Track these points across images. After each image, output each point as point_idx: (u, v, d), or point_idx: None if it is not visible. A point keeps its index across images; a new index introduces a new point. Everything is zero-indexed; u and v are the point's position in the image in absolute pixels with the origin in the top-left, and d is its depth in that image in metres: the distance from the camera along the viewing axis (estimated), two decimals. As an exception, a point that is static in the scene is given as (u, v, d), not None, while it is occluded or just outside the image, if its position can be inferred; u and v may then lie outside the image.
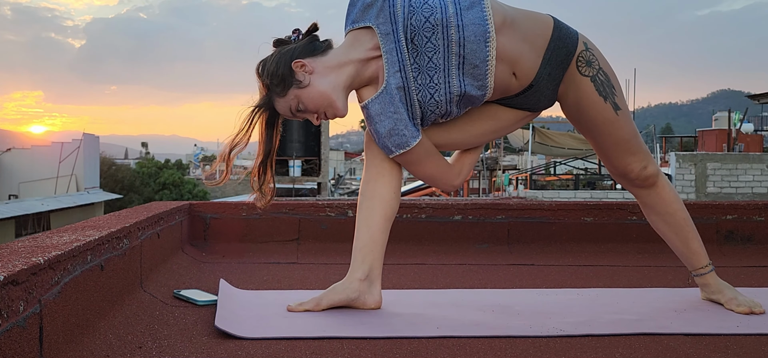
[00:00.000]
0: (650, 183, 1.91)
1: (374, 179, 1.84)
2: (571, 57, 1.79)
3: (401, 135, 1.74)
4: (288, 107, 1.76)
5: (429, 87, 1.72)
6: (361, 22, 1.75)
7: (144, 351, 1.41)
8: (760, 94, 22.03)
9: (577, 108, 1.84)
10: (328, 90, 1.73)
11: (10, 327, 1.07)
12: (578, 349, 1.48)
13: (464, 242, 2.89)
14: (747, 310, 1.80)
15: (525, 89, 1.79)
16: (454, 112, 1.78)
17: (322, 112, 1.76)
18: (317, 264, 2.64)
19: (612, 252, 2.85)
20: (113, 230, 1.69)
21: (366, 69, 1.75)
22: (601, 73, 1.81)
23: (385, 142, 1.76)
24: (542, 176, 18.26)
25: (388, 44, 1.72)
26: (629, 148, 1.86)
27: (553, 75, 1.80)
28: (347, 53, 1.75)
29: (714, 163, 13.22)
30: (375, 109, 1.74)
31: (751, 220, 2.96)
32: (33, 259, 1.19)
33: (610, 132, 1.83)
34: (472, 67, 1.70)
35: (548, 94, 1.83)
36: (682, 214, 1.94)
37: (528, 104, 1.84)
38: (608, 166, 1.93)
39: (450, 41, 1.68)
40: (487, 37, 1.68)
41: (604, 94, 1.80)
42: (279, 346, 1.47)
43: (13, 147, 23.18)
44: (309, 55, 1.75)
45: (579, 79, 1.80)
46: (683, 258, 1.97)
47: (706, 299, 1.95)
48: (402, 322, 1.68)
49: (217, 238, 2.88)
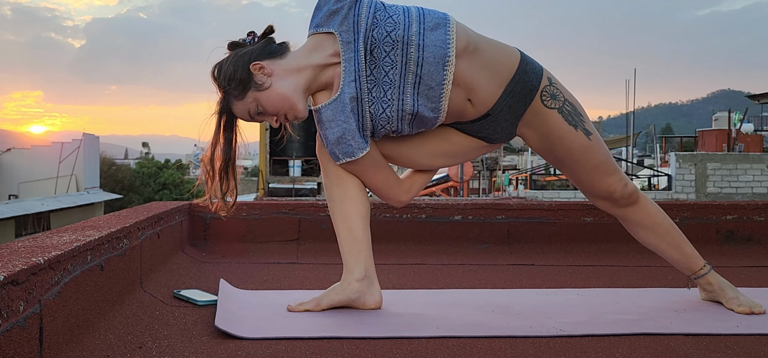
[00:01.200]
0: (633, 200, 1.90)
1: (338, 183, 1.83)
2: (534, 92, 1.78)
3: (348, 144, 1.73)
4: (247, 110, 1.73)
5: (382, 101, 1.71)
6: (325, 27, 1.74)
7: (144, 351, 1.41)
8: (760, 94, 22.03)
9: (548, 140, 1.83)
10: (288, 92, 1.71)
11: (10, 327, 1.07)
12: (578, 349, 1.48)
13: (464, 242, 2.90)
14: (747, 310, 1.80)
15: (481, 117, 1.78)
16: (404, 130, 1.76)
17: (283, 115, 1.74)
18: (317, 264, 2.64)
19: (612, 252, 2.85)
20: (113, 230, 1.69)
21: (323, 74, 1.74)
22: (568, 104, 1.81)
23: (333, 149, 1.75)
24: (542, 176, 18.25)
25: (348, 53, 1.71)
26: (608, 170, 1.85)
27: (514, 108, 1.79)
28: (307, 57, 1.74)
29: (714, 163, 13.22)
30: (327, 115, 1.73)
31: (751, 220, 2.96)
32: (33, 259, 1.19)
33: (588, 158, 1.82)
34: (428, 88, 1.69)
35: (506, 127, 1.82)
36: (667, 222, 1.93)
37: (483, 133, 1.83)
38: (590, 193, 1.90)
39: (408, 60, 1.67)
40: (446, 61, 1.67)
41: (573, 123, 1.80)
42: (279, 346, 1.47)
43: (13, 147, 23.18)
44: (267, 58, 1.72)
45: (545, 112, 1.79)
46: (680, 265, 1.95)
47: (707, 299, 1.95)
48: (402, 322, 1.68)
49: (217, 238, 2.88)
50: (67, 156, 22.07)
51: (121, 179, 29.29)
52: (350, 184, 1.83)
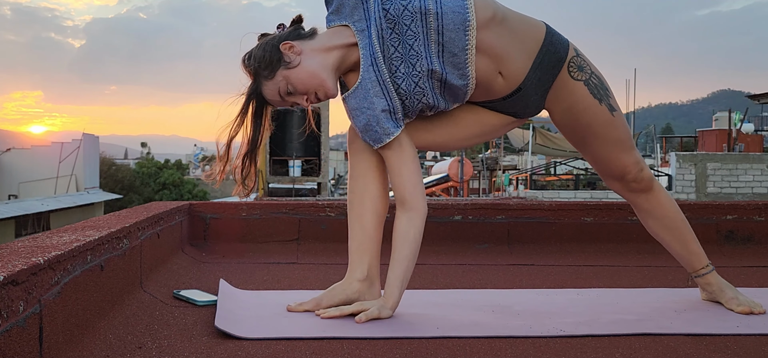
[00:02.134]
0: (646, 187, 1.90)
1: (362, 176, 1.84)
2: (561, 63, 1.79)
3: (374, 131, 1.73)
4: (277, 90, 1.73)
5: (413, 75, 1.70)
6: (337, 21, 1.75)
7: (144, 351, 1.41)
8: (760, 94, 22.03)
9: (571, 114, 1.83)
10: (317, 69, 1.71)
11: (10, 327, 1.07)
12: (578, 349, 1.48)
13: (464, 242, 2.89)
14: (747, 310, 1.80)
15: (512, 92, 1.78)
16: (440, 103, 1.75)
17: (313, 93, 1.73)
18: (317, 264, 2.64)
19: (612, 252, 2.85)
20: (113, 230, 1.69)
21: (351, 54, 1.74)
22: (594, 77, 1.81)
23: (363, 137, 1.77)
24: (542, 176, 18.26)
25: (364, 40, 1.72)
26: (625, 147, 1.86)
27: (543, 81, 1.79)
28: (331, 39, 1.74)
29: (714, 163, 13.22)
30: (352, 104, 1.74)
31: (751, 220, 2.96)
32: (33, 259, 1.19)
33: (608, 133, 1.83)
34: (452, 55, 1.68)
35: (535, 100, 1.82)
36: (679, 216, 1.94)
37: (514, 109, 1.83)
38: (604, 170, 1.91)
39: (428, 28, 1.67)
40: (466, 26, 1.66)
41: (598, 96, 1.80)
42: (279, 346, 1.47)
43: (12, 147, 23.17)
44: (296, 39, 1.74)
45: (572, 84, 1.80)
46: (683, 261, 1.97)
47: (707, 299, 1.95)
48: (402, 322, 1.68)
49: (217, 238, 2.88)
50: (66, 156, 22.07)
51: (121, 179, 29.28)
52: (373, 180, 1.83)
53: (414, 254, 1.75)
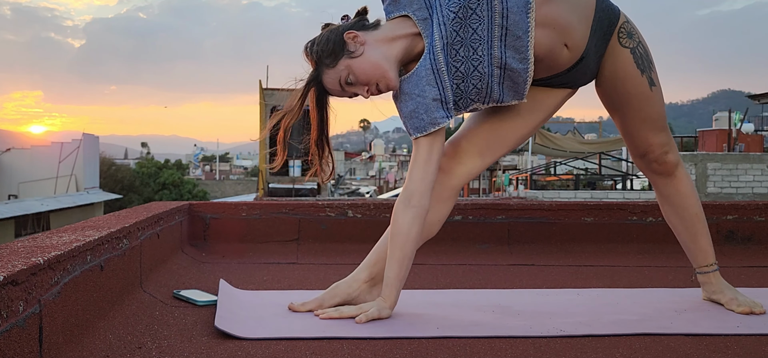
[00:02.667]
0: (668, 171, 1.90)
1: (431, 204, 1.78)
2: (613, 27, 1.78)
3: (420, 119, 1.71)
4: (338, 79, 1.71)
5: (472, 59, 1.69)
6: (396, 12, 1.75)
7: (144, 351, 1.41)
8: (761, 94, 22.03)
9: (612, 81, 1.82)
10: (380, 60, 1.69)
11: (9, 327, 1.06)
12: (578, 349, 1.48)
13: (464, 242, 2.89)
14: (747, 310, 1.80)
15: (576, 63, 1.76)
16: (495, 91, 1.73)
17: (374, 85, 1.71)
18: (317, 264, 2.64)
19: (612, 252, 2.85)
20: (113, 230, 1.68)
21: (416, 44, 1.73)
22: (641, 47, 1.80)
23: (405, 122, 1.75)
24: (542, 176, 18.25)
25: (427, 29, 1.71)
26: (655, 127, 1.85)
27: (598, 46, 1.78)
28: (395, 30, 1.73)
29: (714, 163, 13.22)
30: (403, 87, 1.73)
31: (752, 220, 2.96)
32: (33, 259, 1.19)
33: (642, 107, 1.81)
34: (515, 38, 1.68)
35: (592, 68, 1.80)
36: (695, 210, 1.93)
37: (575, 79, 1.80)
38: (631, 145, 1.90)
39: (493, 13, 1.67)
40: (528, 8, 1.66)
41: (641, 67, 1.79)
42: (279, 346, 1.47)
43: (12, 147, 23.18)
44: (360, 30, 1.73)
45: (619, 50, 1.78)
46: (689, 253, 1.97)
47: (707, 298, 1.95)
48: (402, 322, 1.68)
49: (217, 238, 2.88)
50: (66, 156, 22.08)
51: (121, 179, 29.29)
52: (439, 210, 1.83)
53: (413, 253, 1.74)
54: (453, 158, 1.84)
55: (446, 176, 1.83)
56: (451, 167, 1.83)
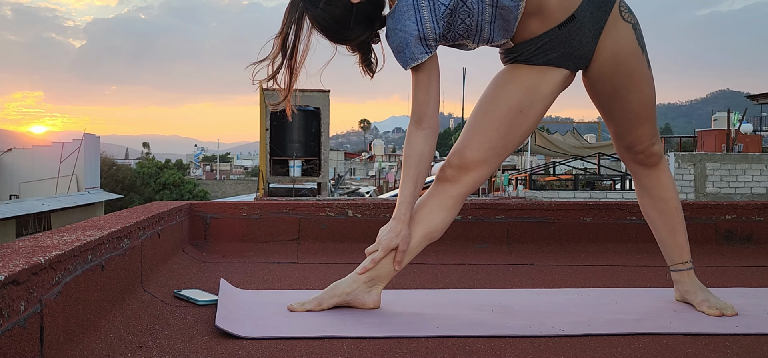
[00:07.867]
0: (653, 162, 1.90)
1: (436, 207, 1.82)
2: (612, 0, 1.74)
3: (403, 54, 1.72)
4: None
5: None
6: None
7: (144, 351, 1.42)
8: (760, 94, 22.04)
9: (614, 61, 1.77)
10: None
11: (10, 327, 1.07)
12: (578, 349, 1.49)
13: (464, 242, 2.90)
14: (718, 313, 1.78)
15: (566, 21, 1.73)
16: (486, 30, 1.73)
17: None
18: (317, 264, 2.65)
19: (611, 252, 2.85)
20: (114, 230, 1.69)
21: None
22: (639, 26, 1.79)
23: (396, 58, 1.75)
24: (542, 176, 18.25)
25: None
26: (647, 116, 1.84)
27: (596, 16, 1.73)
28: None
29: (713, 163, 13.22)
30: (388, 23, 1.74)
31: (750, 220, 2.96)
32: (34, 259, 1.20)
33: (642, 88, 1.80)
34: None
35: (588, 41, 1.75)
36: (674, 203, 1.93)
37: (567, 47, 1.76)
38: (619, 137, 1.89)
39: None
40: None
41: (642, 45, 1.78)
42: (279, 346, 1.47)
43: (13, 147, 23.20)
44: None
45: (621, 25, 1.75)
46: (665, 249, 1.95)
47: (680, 298, 1.93)
48: (402, 322, 1.69)
49: (218, 238, 2.89)
50: (67, 156, 22.08)
51: (122, 179, 29.29)
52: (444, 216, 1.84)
53: (427, 171, 1.78)
54: (460, 169, 1.83)
55: (453, 186, 1.83)
56: (458, 177, 1.83)
